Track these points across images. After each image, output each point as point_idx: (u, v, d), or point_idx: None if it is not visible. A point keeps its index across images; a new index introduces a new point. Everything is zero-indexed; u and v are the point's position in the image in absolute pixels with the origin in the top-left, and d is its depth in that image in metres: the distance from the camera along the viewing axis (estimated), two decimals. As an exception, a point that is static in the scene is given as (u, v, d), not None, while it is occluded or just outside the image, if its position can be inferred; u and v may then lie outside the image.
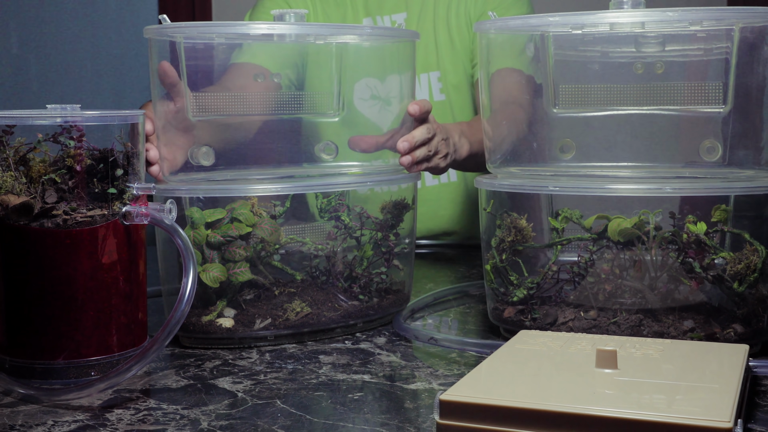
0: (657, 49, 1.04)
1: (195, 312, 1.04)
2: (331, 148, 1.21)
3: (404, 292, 1.18)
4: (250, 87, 1.30)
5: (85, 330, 0.90)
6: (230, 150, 1.20)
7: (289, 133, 1.30)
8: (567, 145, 1.09)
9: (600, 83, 1.06)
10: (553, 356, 0.85)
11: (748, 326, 0.97)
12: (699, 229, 0.97)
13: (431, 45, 1.76)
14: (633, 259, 1.01)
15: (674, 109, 1.04)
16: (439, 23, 1.76)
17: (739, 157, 1.01)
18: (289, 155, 1.24)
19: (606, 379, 0.77)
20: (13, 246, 0.90)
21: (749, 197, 0.98)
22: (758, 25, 0.98)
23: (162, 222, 0.91)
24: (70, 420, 0.80)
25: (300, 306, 1.07)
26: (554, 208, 1.06)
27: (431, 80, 1.77)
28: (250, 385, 0.90)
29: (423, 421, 0.79)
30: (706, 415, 0.67)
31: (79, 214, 0.90)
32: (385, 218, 1.14)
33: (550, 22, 1.04)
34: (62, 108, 0.91)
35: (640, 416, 0.68)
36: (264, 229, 1.05)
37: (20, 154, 0.90)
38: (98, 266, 0.90)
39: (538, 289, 1.05)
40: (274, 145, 1.24)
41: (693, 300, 1.00)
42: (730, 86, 1.00)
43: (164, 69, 1.08)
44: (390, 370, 0.95)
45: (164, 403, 0.85)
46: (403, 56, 1.29)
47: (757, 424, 0.77)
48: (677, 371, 0.80)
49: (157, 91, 1.09)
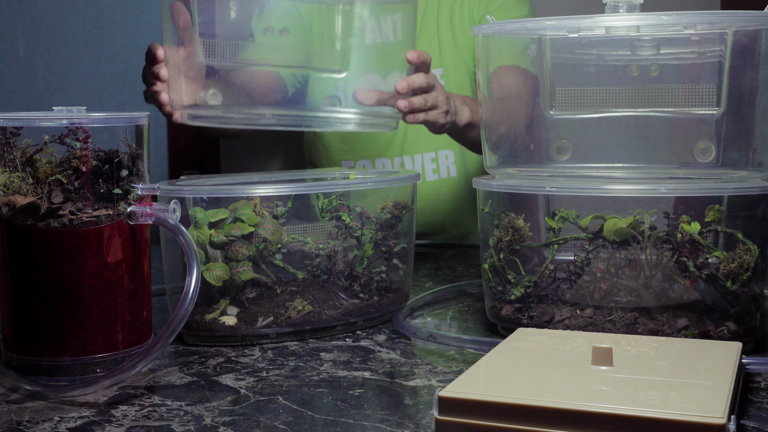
0: (652, 52, 1.04)
1: (198, 310, 1.04)
2: (334, 101, 1.23)
3: (404, 291, 1.18)
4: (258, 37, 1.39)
5: (90, 328, 0.90)
6: (235, 95, 1.28)
7: (291, 82, 1.42)
8: (563, 147, 1.09)
9: (596, 86, 1.06)
10: (550, 353, 0.85)
11: (741, 324, 0.97)
12: (693, 228, 0.97)
13: (434, 43, 1.77)
14: (628, 258, 1.01)
15: (669, 111, 1.04)
16: (443, 22, 1.77)
17: (732, 158, 1.01)
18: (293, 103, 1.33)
19: (602, 376, 0.77)
20: (20, 245, 0.90)
21: (742, 197, 0.98)
22: (751, 28, 0.98)
23: (166, 222, 0.91)
24: (76, 416, 0.80)
25: (301, 304, 1.07)
26: (551, 208, 1.05)
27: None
28: (253, 381, 0.90)
29: (422, 417, 0.79)
30: (700, 412, 0.67)
31: (84, 214, 0.90)
32: (385, 218, 1.14)
33: (547, 25, 1.04)
34: (68, 110, 0.91)
35: (636, 412, 0.68)
36: (266, 228, 1.05)
37: (27, 155, 0.90)
38: (104, 265, 0.90)
39: (536, 288, 1.05)
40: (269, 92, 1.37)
41: (687, 298, 1.00)
42: (724, 89, 1.00)
43: (177, 8, 1.09)
44: (390, 367, 0.95)
45: (168, 400, 0.85)
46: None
47: (750, 420, 0.77)
48: (672, 368, 0.80)
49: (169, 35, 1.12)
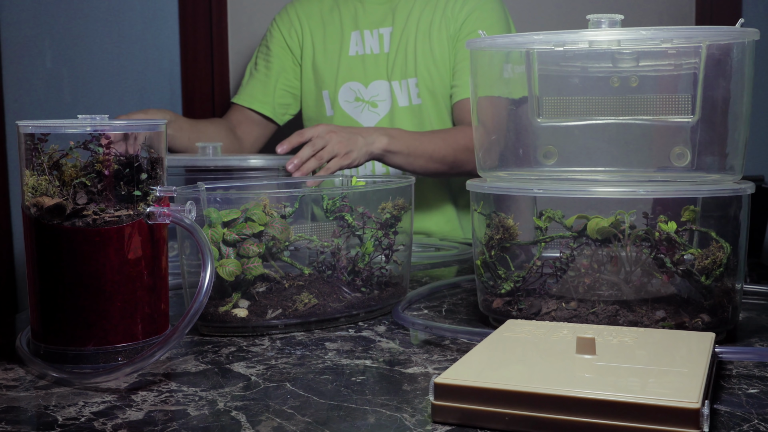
0: (632, 64, 1.04)
1: (212, 303, 1.04)
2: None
3: (402, 285, 1.18)
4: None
5: (112, 319, 0.90)
6: None
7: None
8: (550, 152, 1.09)
9: (580, 95, 1.06)
10: (538, 343, 0.85)
11: (714, 316, 0.97)
12: (670, 228, 0.97)
13: (411, 54, 1.79)
14: (610, 255, 1.00)
15: (647, 119, 1.04)
16: (420, 36, 1.79)
17: (706, 162, 1.01)
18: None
19: (585, 364, 0.77)
20: (48, 243, 0.90)
21: (715, 199, 0.98)
22: (723, 42, 0.98)
23: (182, 221, 0.91)
24: (99, 401, 0.80)
25: (308, 297, 1.07)
26: (538, 208, 1.05)
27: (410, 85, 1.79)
28: (263, 369, 0.90)
29: (419, 402, 0.78)
30: (676, 397, 0.67)
31: (107, 214, 0.90)
32: (385, 218, 1.13)
33: (535, 39, 1.04)
34: (92, 118, 0.91)
35: (617, 398, 0.68)
36: (275, 227, 1.05)
37: (54, 160, 0.90)
38: (124, 261, 0.90)
39: (524, 283, 1.05)
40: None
41: (664, 292, 1.00)
42: (698, 98, 1.00)
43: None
44: (389, 356, 0.95)
45: (184, 386, 0.85)
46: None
47: (723, 405, 0.77)
48: (650, 357, 0.80)
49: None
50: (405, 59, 1.78)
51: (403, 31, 1.79)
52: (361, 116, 1.82)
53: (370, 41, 1.80)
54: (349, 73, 1.82)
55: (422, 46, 1.78)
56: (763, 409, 0.75)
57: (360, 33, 1.81)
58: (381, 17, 1.81)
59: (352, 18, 1.82)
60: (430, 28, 1.78)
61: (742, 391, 0.80)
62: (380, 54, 1.80)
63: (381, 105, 1.81)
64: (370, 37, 1.80)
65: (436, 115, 1.81)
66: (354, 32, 1.81)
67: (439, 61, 1.78)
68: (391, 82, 1.80)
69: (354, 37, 1.81)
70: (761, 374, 0.85)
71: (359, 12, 1.82)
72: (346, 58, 1.82)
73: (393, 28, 1.80)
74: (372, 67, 1.81)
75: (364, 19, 1.81)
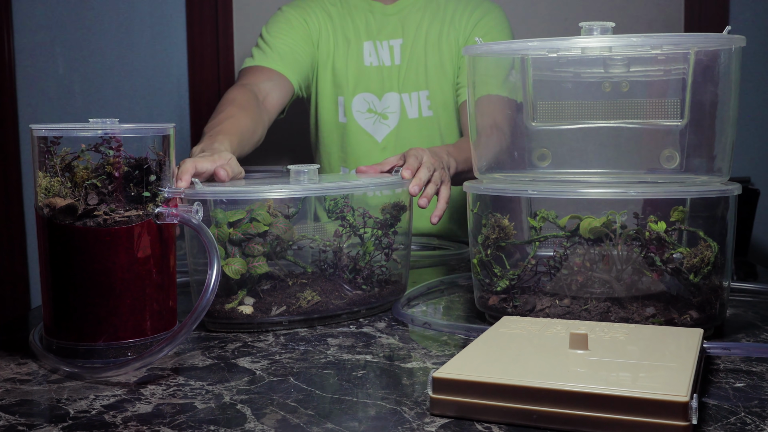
0: (622, 70, 1.04)
1: (219, 300, 1.04)
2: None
3: (402, 283, 1.18)
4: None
5: (122, 316, 0.90)
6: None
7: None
8: (544, 154, 1.09)
9: (573, 100, 1.06)
10: (532, 339, 0.85)
11: (702, 312, 0.97)
12: (659, 227, 0.97)
13: (421, 67, 1.76)
14: (602, 253, 1.00)
15: (638, 123, 1.04)
16: (430, 48, 1.76)
17: (694, 164, 1.01)
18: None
19: (578, 359, 0.77)
20: (60, 242, 0.90)
21: (703, 200, 0.98)
22: (711, 49, 0.98)
23: (190, 221, 0.91)
24: (110, 394, 0.80)
25: (311, 295, 1.07)
26: (533, 209, 1.05)
27: (420, 98, 1.77)
28: (267, 364, 0.90)
29: (418, 396, 0.79)
30: (666, 390, 0.67)
31: (117, 215, 0.90)
32: (385, 218, 1.13)
33: (529, 46, 1.04)
34: (102, 122, 0.91)
35: (608, 391, 0.68)
36: (279, 227, 1.05)
37: (66, 162, 0.90)
38: (134, 260, 0.90)
39: (519, 280, 1.05)
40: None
41: (654, 290, 1.00)
42: (687, 103, 1.00)
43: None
44: (389, 351, 0.95)
45: (192, 380, 0.85)
46: None
47: (711, 399, 0.77)
48: (640, 352, 0.80)
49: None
50: (416, 72, 1.76)
51: (413, 44, 1.77)
52: (372, 127, 1.78)
53: (381, 52, 1.78)
54: (365, 84, 1.77)
55: (433, 58, 1.76)
56: (750, 402, 0.75)
57: (373, 44, 1.78)
58: (391, 29, 1.78)
59: (364, 27, 1.79)
60: (439, 39, 1.76)
61: (729, 385, 0.80)
62: (392, 66, 1.77)
63: (391, 117, 1.78)
64: (381, 49, 1.78)
65: (447, 127, 1.79)
66: (367, 42, 1.79)
67: (450, 73, 1.77)
68: (401, 94, 1.77)
69: (367, 47, 1.78)
70: (748, 369, 0.85)
71: (371, 22, 1.79)
72: (363, 68, 1.78)
73: (403, 40, 1.77)
74: (387, 79, 1.77)
75: (376, 30, 1.78)
